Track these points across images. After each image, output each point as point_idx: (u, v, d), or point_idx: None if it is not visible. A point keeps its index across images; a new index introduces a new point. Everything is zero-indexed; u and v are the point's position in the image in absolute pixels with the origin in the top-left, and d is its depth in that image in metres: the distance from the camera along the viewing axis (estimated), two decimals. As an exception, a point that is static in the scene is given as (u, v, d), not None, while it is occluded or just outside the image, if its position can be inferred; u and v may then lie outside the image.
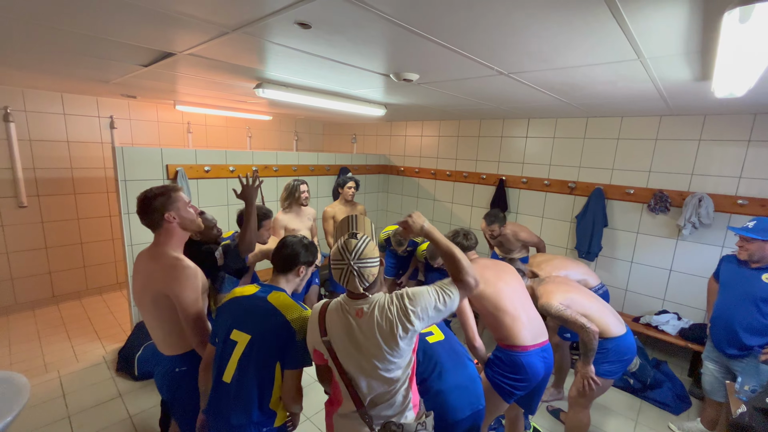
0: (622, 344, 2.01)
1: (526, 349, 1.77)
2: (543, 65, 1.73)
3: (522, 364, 1.75)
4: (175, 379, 1.55)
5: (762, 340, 2.06)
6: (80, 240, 4.06)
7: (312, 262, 1.60)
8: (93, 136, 3.97)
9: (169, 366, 1.56)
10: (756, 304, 2.07)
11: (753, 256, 2.08)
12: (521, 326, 1.79)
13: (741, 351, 2.13)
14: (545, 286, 2.10)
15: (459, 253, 1.24)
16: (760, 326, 2.06)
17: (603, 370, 1.99)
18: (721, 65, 1.40)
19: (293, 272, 1.53)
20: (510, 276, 1.97)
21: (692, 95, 2.21)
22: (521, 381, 1.76)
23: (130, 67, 2.27)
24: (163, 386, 1.61)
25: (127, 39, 1.65)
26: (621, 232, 3.46)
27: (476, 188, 4.46)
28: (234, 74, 2.32)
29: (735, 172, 2.88)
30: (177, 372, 1.55)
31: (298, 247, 1.54)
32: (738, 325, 2.12)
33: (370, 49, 1.65)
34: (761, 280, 2.06)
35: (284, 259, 1.52)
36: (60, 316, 3.72)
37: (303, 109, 4.20)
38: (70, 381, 2.73)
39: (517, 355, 1.76)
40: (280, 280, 1.52)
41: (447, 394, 1.51)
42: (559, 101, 2.67)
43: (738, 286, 2.17)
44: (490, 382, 1.82)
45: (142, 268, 1.55)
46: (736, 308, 2.14)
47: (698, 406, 2.74)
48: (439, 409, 1.48)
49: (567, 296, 2.01)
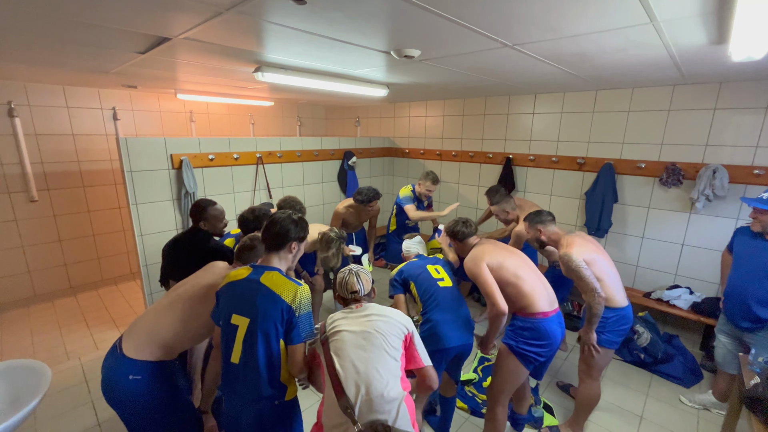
0: (623, 316, 2.03)
1: (546, 315, 1.82)
2: (549, 34, 1.66)
3: (545, 330, 1.81)
4: (125, 386, 1.44)
5: None
6: (92, 232, 4.13)
7: (303, 237, 1.57)
8: (97, 128, 3.99)
9: (123, 371, 1.45)
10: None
11: (767, 227, 2.03)
12: (540, 294, 1.85)
13: (754, 324, 2.11)
14: (572, 237, 2.07)
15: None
16: None
17: (602, 339, 2.02)
18: (739, 25, 1.33)
19: (285, 249, 1.52)
20: (516, 252, 2.04)
21: (708, 61, 2.11)
22: (544, 347, 1.82)
23: (128, 56, 2.24)
24: (111, 392, 1.47)
25: (120, 24, 1.62)
26: (632, 207, 3.40)
27: (483, 168, 4.39)
28: (232, 58, 2.27)
29: (752, 142, 2.78)
30: (130, 380, 1.44)
31: (287, 223, 1.50)
32: (751, 297, 2.09)
33: (370, 25, 1.59)
34: None
35: (274, 236, 1.50)
36: (78, 306, 3.83)
37: (304, 93, 4.14)
38: (91, 367, 2.82)
39: (539, 321, 1.81)
40: (272, 259, 1.51)
41: (441, 324, 1.85)
42: (566, 74, 2.58)
43: (752, 258, 2.13)
44: (514, 353, 1.86)
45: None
46: (750, 281, 2.11)
47: (709, 379, 2.74)
48: (433, 335, 1.83)
49: (591, 255, 1.99)
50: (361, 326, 1.33)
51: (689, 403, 2.51)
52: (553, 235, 2.14)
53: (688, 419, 2.39)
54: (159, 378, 1.49)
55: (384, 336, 1.30)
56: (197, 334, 1.64)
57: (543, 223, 2.14)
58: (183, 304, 1.60)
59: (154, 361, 1.49)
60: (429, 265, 2.11)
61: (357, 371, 1.23)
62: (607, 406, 2.49)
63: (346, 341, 1.29)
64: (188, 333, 1.59)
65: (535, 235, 2.18)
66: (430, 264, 2.13)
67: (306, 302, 1.43)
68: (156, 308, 1.62)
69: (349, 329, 1.32)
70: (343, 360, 1.26)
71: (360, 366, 1.24)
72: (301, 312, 1.40)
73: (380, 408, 1.18)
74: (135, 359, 1.46)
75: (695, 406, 2.49)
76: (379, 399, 1.19)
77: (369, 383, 1.21)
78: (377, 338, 1.29)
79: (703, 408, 2.47)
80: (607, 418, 2.40)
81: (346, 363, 1.25)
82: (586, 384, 2.13)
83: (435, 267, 2.11)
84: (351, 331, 1.31)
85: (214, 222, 2.16)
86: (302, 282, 1.47)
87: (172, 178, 3.15)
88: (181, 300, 1.61)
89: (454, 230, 2.12)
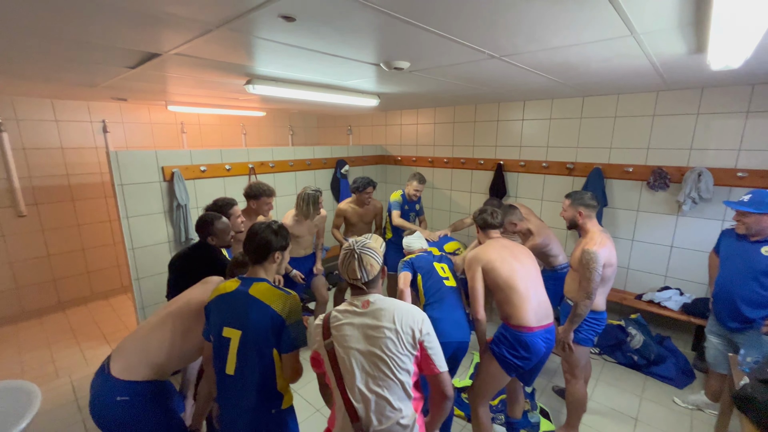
0: (600, 319, 2.10)
1: (531, 330, 1.82)
2: (535, 46, 1.70)
3: (526, 343, 1.81)
4: (112, 408, 1.42)
5: (763, 312, 2.07)
6: (82, 246, 4.08)
7: (285, 246, 1.56)
8: (86, 141, 3.95)
9: (111, 392, 1.42)
10: (756, 277, 2.07)
11: (750, 229, 2.08)
12: (528, 308, 1.84)
13: (743, 324, 2.14)
14: (604, 237, 2.02)
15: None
16: (760, 299, 2.06)
17: (580, 337, 2.09)
18: (716, 36, 1.37)
19: (269, 260, 1.51)
20: (527, 258, 2.00)
21: (688, 69, 2.17)
22: (525, 359, 1.84)
23: (117, 70, 2.24)
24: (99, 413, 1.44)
25: (110, 42, 1.63)
26: (621, 210, 3.45)
27: (474, 174, 4.43)
28: (223, 72, 2.28)
29: (734, 145, 2.85)
30: (118, 401, 1.41)
31: (268, 234, 1.50)
32: (739, 298, 2.13)
33: (358, 39, 1.62)
34: (761, 253, 2.06)
35: (257, 249, 1.49)
36: (68, 322, 3.76)
37: (296, 103, 4.16)
38: (81, 385, 2.77)
39: (522, 335, 1.82)
40: (258, 271, 1.51)
41: (440, 321, 1.86)
42: (553, 82, 2.64)
43: (738, 259, 2.17)
44: (495, 357, 1.88)
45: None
46: (737, 282, 2.15)
47: (702, 379, 2.77)
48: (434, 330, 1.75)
49: (611, 262, 2.01)
50: (368, 343, 1.20)
51: (682, 404, 2.54)
52: (589, 223, 2.10)
53: (681, 420, 2.42)
54: (148, 399, 1.46)
55: (393, 359, 1.18)
56: (190, 353, 1.61)
57: (586, 207, 2.09)
58: (174, 321, 1.58)
59: (143, 381, 1.46)
60: (436, 263, 2.17)
61: (369, 400, 1.18)
62: (602, 408, 2.51)
63: (355, 361, 1.20)
64: (180, 352, 1.56)
65: (573, 215, 2.13)
66: (436, 262, 2.19)
67: (296, 310, 1.44)
68: (146, 326, 1.60)
69: (356, 347, 1.20)
70: (352, 382, 1.19)
71: (371, 396, 1.18)
72: (291, 320, 1.40)
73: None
74: (123, 380, 1.43)
75: (688, 406, 2.52)
76: (393, 427, 1.18)
77: (381, 413, 1.18)
78: (386, 363, 1.18)
79: (697, 408, 2.50)
80: (601, 420, 2.41)
81: (356, 388, 1.18)
82: (571, 383, 2.16)
83: (441, 265, 2.17)
84: (359, 349, 1.20)
85: (222, 236, 2.18)
86: (291, 291, 1.48)
87: (163, 191, 3.13)
88: (172, 317, 1.59)
89: (480, 217, 2.13)
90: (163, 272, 3.14)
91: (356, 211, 3.38)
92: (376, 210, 3.51)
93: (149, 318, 1.65)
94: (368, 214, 3.45)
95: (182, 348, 1.57)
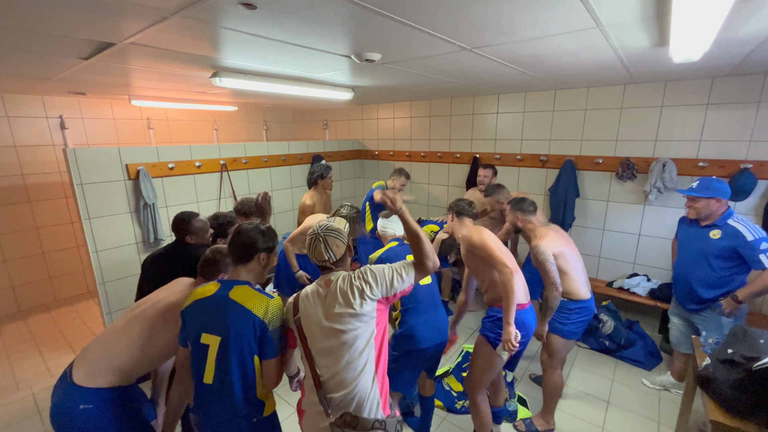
0: (585, 308, 2.11)
1: (523, 307, 1.86)
2: (504, 38, 1.70)
3: (522, 321, 1.85)
4: (75, 417, 1.35)
5: (716, 292, 2.18)
6: (42, 250, 3.84)
7: (272, 247, 1.51)
8: (42, 138, 3.71)
9: (73, 400, 1.36)
10: (707, 259, 2.18)
11: (700, 213, 2.19)
12: (520, 286, 1.87)
13: (699, 305, 2.26)
14: (545, 230, 2.13)
15: (424, 238, 1.36)
16: (713, 280, 2.17)
17: (565, 331, 2.10)
18: (676, 30, 1.41)
19: (254, 261, 1.46)
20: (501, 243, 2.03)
21: (652, 62, 2.23)
22: (522, 337, 1.84)
23: (70, 61, 2.10)
24: (60, 422, 1.38)
25: (58, 30, 1.51)
26: (592, 201, 3.55)
27: (451, 167, 4.46)
28: (186, 63, 2.18)
29: (695, 136, 2.98)
30: (81, 409, 1.35)
31: (254, 234, 1.45)
32: (694, 280, 2.24)
33: (327, 30, 1.57)
34: (710, 237, 2.17)
35: (241, 248, 1.43)
36: (29, 331, 3.55)
37: (268, 97, 4.04)
38: (44, 397, 2.62)
39: (517, 314, 1.83)
40: (240, 272, 1.45)
41: (418, 327, 1.85)
42: (525, 75, 2.66)
43: (692, 244, 2.29)
44: (491, 343, 1.89)
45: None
46: (692, 265, 2.26)
47: (668, 361, 2.90)
48: (410, 337, 1.84)
49: (560, 249, 2.06)
50: (328, 320, 1.27)
51: (650, 385, 2.65)
52: (528, 225, 2.18)
53: (650, 400, 2.53)
54: (114, 406, 1.40)
55: (354, 347, 1.26)
56: (157, 357, 1.55)
57: (523, 212, 2.19)
58: (141, 325, 1.51)
59: (108, 387, 1.39)
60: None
61: (329, 369, 1.26)
62: (576, 393, 2.59)
63: (318, 335, 1.29)
64: (147, 356, 1.49)
65: (513, 221, 2.22)
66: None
67: (278, 315, 1.39)
68: (111, 330, 1.52)
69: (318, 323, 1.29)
70: (317, 353, 1.29)
71: (332, 366, 1.26)
72: (273, 326, 1.36)
73: (356, 402, 1.24)
74: (86, 387, 1.36)
75: (656, 387, 2.63)
76: (354, 392, 1.24)
77: (342, 381, 1.25)
78: (347, 351, 1.25)
79: (663, 389, 2.61)
80: (576, 405, 2.49)
81: (320, 359, 1.28)
82: (548, 374, 2.21)
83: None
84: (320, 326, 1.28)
85: (202, 234, 2.11)
86: (274, 295, 1.43)
87: (128, 190, 2.98)
88: (139, 321, 1.52)
89: (457, 204, 2.12)
90: (130, 275, 3.01)
91: (320, 201, 3.31)
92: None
93: (115, 322, 1.57)
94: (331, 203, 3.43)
95: (149, 351, 1.51)
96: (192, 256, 2.04)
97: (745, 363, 1.52)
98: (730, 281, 2.12)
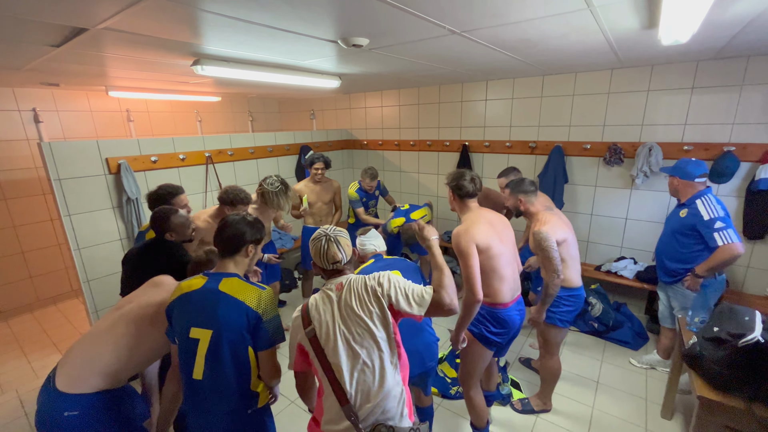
0: (576, 296, 2.13)
1: (506, 305, 1.85)
2: (494, 21, 1.67)
3: (503, 319, 1.85)
4: (60, 425, 1.29)
5: (680, 266, 2.34)
6: (21, 249, 3.71)
7: (260, 239, 1.48)
8: (15, 132, 3.55)
9: (58, 408, 1.30)
10: (674, 236, 2.36)
11: (674, 191, 2.38)
12: (505, 286, 1.84)
13: (670, 277, 2.41)
14: (549, 215, 2.05)
15: (448, 273, 1.27)
16: (678, 255, 2.35)
17: (556, 319, 2.11)
18: (666, 10, 1.40)
19: (241, 253, 1.43)
20: (507, 232, 1.91)
21: (640, 45, 2.23)
22: (503, 334, 1.87)
23: (40, 49, 1.98)
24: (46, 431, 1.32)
25: (25, 14, 1.42)
26: (581, 186, 3.59)
27: (441, 156, 4.44)
28: (166, 50, 2.08)
29: (680, 120, 3.01)
30: (66, 417, 1.29)
31: (242, 226, 1.42)
32: (664, 254, 2.43)
33: (312, 13, 1.51)
34: (679, 215, 2.34)
35: (228, 240, 1.41)
36: (11, 332, 3.45)
37: (253, 87, 3.93)
38: (30, 398, 2.55)
39: (499, 311, 1.84)
40: (228, 265, 1.42)
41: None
42: (514, 60, 2.64)
43: (669, 222, 2.47)
44: (476, 337, 1.89)
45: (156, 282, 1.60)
46: (664, 240, 2.47)
47: (654, 340, 2.99)
48: None
49: (563, 236, 2.02)
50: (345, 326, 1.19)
51: (638, 364, 2.73)
52: (531, 208, 2.09)
53: (638, 379, 2.60)
54: (101, 411, 1.34)
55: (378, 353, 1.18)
56: (146, 358, 1.51)
57: (525, 194, 2.07)
58: (128, 326, 1.46)
59: (93, 392, 1.34)
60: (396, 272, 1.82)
61: (354, 379, 1.17)
62: (567, 375, 2.65)
63: (338, 343, 1.18)
64: (135, 358, 1.45)
65: (515, 204, 2.12)
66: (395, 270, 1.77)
67: (272, 305, 1.37)
68: (94, 332, 1.46)
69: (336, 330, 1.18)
70: (338, 365, 1.17)
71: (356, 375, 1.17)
72: (268, 315, 1.34)
73: (384, 412, 1.17)
74: (70, 393, 1.31)
75: (643, 366, 2.71)
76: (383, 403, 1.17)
77: (369, 391, 1.17)
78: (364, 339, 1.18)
79: (650, 367, 2.69)
80: (567, 386, 2.54)
81: (342, 371, 1.16)
82: (545, 359, 2.24)
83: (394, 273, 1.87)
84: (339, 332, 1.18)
85: (182, 230, 2.01)
86: (265, 285, 1.41)
87: (110, 185, 2.88)
88: (124, 321, 1.47)
89: (458, 183, 1.83)
90: (115, 272, 2.93)
91: (313, 190, 3.33)
92: (334, 189, 3.46)
93: (98, 323, 1.51)
94: (326, 193, 3.40)
95: (137, 352, 1.46)
96: (169, 253, 1.98)
97: (731, 340, 1.57)
98: (695, 257, 2.26)
